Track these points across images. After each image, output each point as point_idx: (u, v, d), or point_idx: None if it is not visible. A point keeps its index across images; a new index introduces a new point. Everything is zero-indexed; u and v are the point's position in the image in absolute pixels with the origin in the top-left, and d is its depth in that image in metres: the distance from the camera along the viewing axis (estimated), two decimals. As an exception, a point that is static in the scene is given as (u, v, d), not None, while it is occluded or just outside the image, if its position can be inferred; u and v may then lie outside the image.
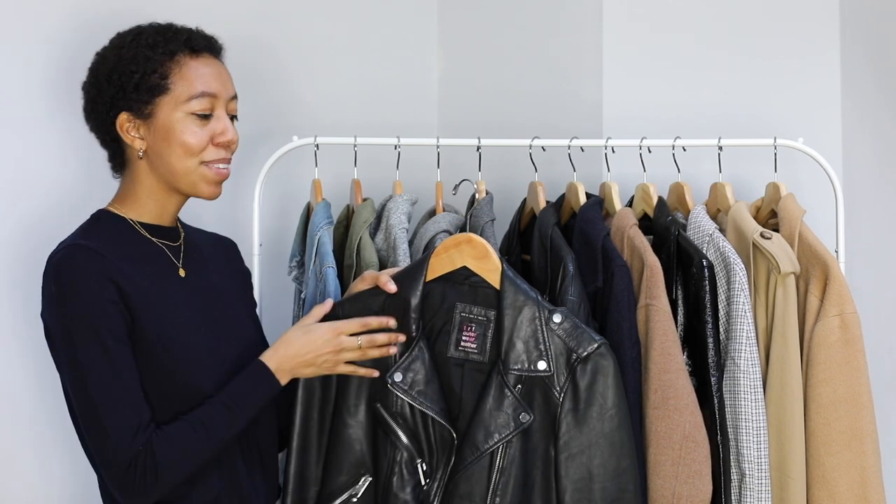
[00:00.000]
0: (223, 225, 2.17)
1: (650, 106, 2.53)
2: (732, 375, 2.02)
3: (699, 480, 1.96)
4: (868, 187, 2.57)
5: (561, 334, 1.87)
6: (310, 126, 2.40)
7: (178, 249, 1.87)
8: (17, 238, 2.19)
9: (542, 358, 1.86)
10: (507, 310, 1.88)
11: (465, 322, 1.92)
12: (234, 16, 2.51)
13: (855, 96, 2.58)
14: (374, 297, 1.92)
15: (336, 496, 1.89)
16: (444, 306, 1.92)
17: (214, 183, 1.83)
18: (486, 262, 1.93)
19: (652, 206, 2.23)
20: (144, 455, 1.67)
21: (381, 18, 2.79)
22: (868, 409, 2.01)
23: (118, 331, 1.70)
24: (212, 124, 1.81)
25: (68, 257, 1.72)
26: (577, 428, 1.85)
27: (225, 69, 1.87)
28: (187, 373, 1.76)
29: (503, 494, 1.84)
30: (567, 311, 1.90)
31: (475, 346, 1.91)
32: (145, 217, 1.84)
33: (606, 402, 1.85)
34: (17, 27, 2.21)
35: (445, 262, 1.94)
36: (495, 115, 2.74)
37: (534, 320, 1.88)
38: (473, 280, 1.92)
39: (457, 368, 1.91)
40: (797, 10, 2.59)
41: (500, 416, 1.85)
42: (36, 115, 2.23)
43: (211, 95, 1.80)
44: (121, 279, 1.72)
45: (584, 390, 1.85)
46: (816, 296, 2.04)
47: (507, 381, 1.86)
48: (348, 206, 2.35)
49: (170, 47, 1.79)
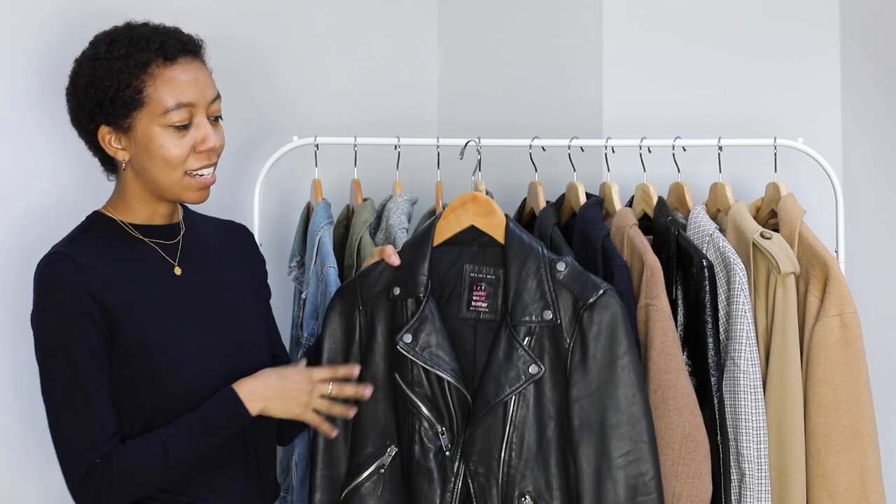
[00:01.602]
0: (223, 225, 2.17)
1: (650, 106, 2.53)
2: (732, 375, 2.02)
3: (699, 480, 1.96)
4: (868, 187, 2.57)
5: (566, 283, 1.86)
6: (310, 126, 2.40)
7: (175, 247, 1.86)
8: (13, 240, 2.18)
9: (548, 308, 1.85)
10: (513, 263, 1.88)
11: (474, 282, 1.92)
12: (234, 16, 2.51)
13: (855, 96, 2.58)
14: (385, 269, 1.93)
15: (364, 468, 1.90)
16: (454, 268, 1.93)
17: (200, 189, 1.81)
18: (491, 219, 1.93)
19: (652, 206, 2.23)
20: (101, 466, 1.68)
21: (382, 18, 2.79)
22: (868, 409, 2.02)
23: (90, 342, 1.70)
24: (192, 133, 1.77)
25: (49, 266, 1.73)
26: (587, 376, 1.84)
27: (204, 71, 1.81)
28: (173, 379, 1.75)
29: (518, 449, 1.84)
30: (571, 259, 1.90)
31: (486, 304, 1.91)
32: (137, 219, 1.83)
33: (614, 347, 1.84)
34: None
35: (453, 223, 1.94)
36: (495, 115, 2.73)
37: (539, 271, 1.87)
38: (482, 240, 1.93)
39: (470, 329, 1.91)
40: (797, 10, 2.58)
41: (511, 369, 1.84)
42: (30, 115, 2.22)
43: (188, 105, 1.75)
44: (100, 289, 1.71)
45: (591, 338, 1.84)
46: (816, 296, 2.04)
47: (516, 334, 1.85)
48: (348, 206, 2.35)
49: (142, 58, 1.74)
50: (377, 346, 1.92)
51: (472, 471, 1.85)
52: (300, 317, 2.27)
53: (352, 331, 1.94)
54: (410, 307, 1.89)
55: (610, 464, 1.82)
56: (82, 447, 1.69)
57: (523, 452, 1.84)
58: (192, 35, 1.82)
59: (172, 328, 1.77)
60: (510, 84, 2.74)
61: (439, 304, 1.90)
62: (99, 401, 1.71)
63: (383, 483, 1.90)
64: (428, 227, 1.95)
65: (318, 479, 1.93)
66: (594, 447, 1.83)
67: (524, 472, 1.84)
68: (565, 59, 2.64)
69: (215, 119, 1.82)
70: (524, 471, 1.84)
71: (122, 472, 1.69)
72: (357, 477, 1.90)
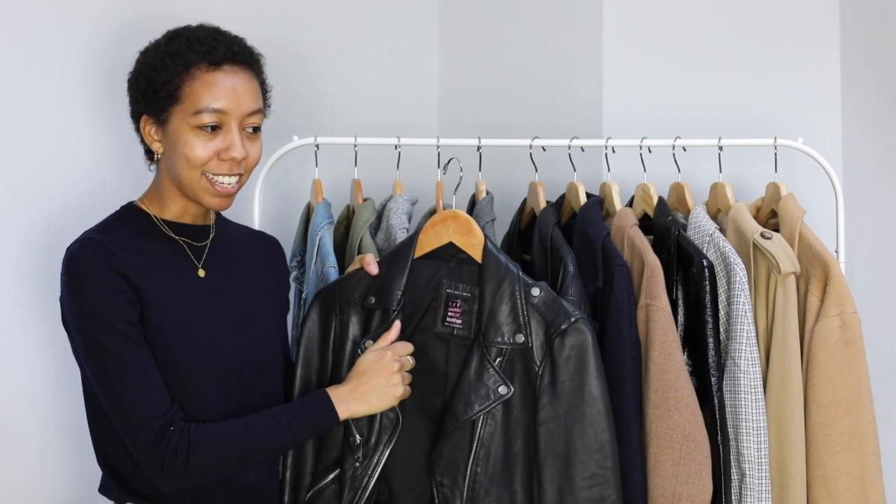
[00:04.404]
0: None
1: (650, 106, 2.53)
2: (733, 375, 2.02)
3: (699, 480, 1.96)
4: (868, 187, 2.57)
5: (540, 308, 1.88)
6: (310, 126, 2.40)
7: (203, 249, 1.88)
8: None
9: (520, 331, 1.87)
10: (488, 283, 1.90)
11: (450, 298, 1.94)
12: (234, 16, 2.50)
13: (855, 96, 2.58)
14: (364, 276, 1.96)
15: (329, 472, 1.93)
16: (432, 282, 1.95)
17: (217, 196, 1.82)
18: (469, 237, 1.95)
19: (652, 206, 2.23)
20: (178, 431, 1.69)
21: (382, 18, 2.79)
22: (868, 409, 2.01)
23: (129, 317, 1.72)
24: (220, 139, 1.79)
25: (79, 250, 1.75)
26: (555, 401, 1.86)
27: (249, 83, 1.83)
28: (185, 373, 1.76)
29: (484, 464, 1.86)
30: (546, 285, 1.91)
31: (460, 321, 1.93)
32: (168, 214, 1.86)
33: (583, 376, 1.85)
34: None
35: (433, 238, 1.97)
36: (495, 115, 2.74)
37: (514, 294, 1.89)
38: (461, 257, 1.96)
39: (443, 344, 1.93)
40: (797, 10, 2.59)
41: (481, 388, 1.86)
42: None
43: (218, 111, 1.78)
44: (129, 272, 1.74)
45: (561, 364, 1.86)
46: (817, 296, 2.04)
47: (488, 354, 1.88)
48: (349, 206, 2.35)
49: (189, 58, 1.78)
50: (347, 351, 1.95)
51: (438, 482, 1.88)
52: (300, 316, 2.27)
53: (327, 332, 1.98)
54: (377, 318, 1.93)
55: (572, 485, 1.84)
56: (151, 412, 1.69)
57: (489, 468, 1.86)
58: (251, 47, 1.87)
59: (190, 327, 1.79)
60: (510, 84, 2.74)
61: (414, 317, 1.94)
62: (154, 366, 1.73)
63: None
64: (409, 241, 1.98)
65: (288, 479, 1.96)
66: (558, 469, 1.85)
67: (489, 487, 1.86)
68: (565, 59, 2.65)
69: (253, 131, 1.84)
70: (489, 486, 1.86)
71: (200, 440, 1.70)
72: (322, 480, 1.93)
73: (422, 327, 1.94)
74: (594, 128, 2.53)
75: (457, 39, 2.86)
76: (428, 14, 2.87)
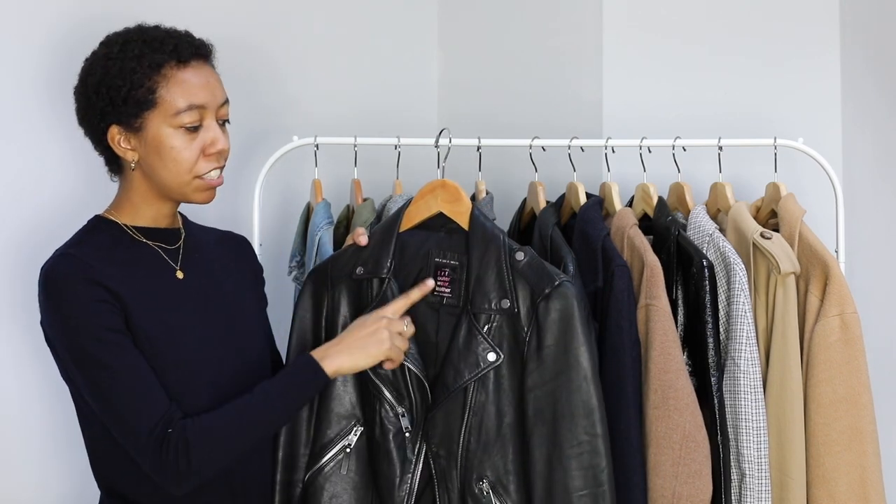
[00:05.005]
0: (223, 225, 2.16)
1: (650, 106, 2.53)
2: (732, 375, 2.01)
3: (699, 480, 1.96)
4: (868, 187, 2.57)
5: (525, 272, 1.88)
6: (310, 126, 2.40)
7: (177, 251, 1.87)
8: (20, 238, 2.19)
9: (506, 296, 1.87)
10: (475, 250, 1.90)
11: (439, 267, 1.94)
12: (234, 16, 2.51)
13: (855, 96, 2.58)
14: (355, 251, 1.96)
15: (329, 448, 1.92)
16: (421, 252, 1.95)
17: (207, 189, 1.82)
18: (457, 205, 1.96)
19: (652, 206, 2.23)
20: (176, 430, 1.68)
21: (382, 18, 2.79)
22: (868, 409, 2.01)
23: (114, 325, 1.71)
24: (201, 135, 1.78)
25: (54, 266, 1.73)
26: (542, 365, 1.85)
27: (214, 75, 1.83)
28: (173, 380, 1.75)
29: (476, 433, 1.85)
30: (531, 250, 1.91)
31: (450, 290, 1.93)
32: (140, 221, 1.84)
33: (568, 338, 1.84)
34: (12, 27, 2.20)
35: (422, 209, 1.98)
36: (495, 115, 2.74)
37: (499, 260, 1.89)
38: (450, 227, 1.95)
39: (433, 313, 1.93)
40: (797, 10, 2.59)
41: (470, 355, 1.86)
42: (35, 118, 2.22)
43: (199, 107, 1.77)
44: (108, 282, 1.72)
45: (546, 328, 1.85)
46: (816, 296, 2.04)
47: (476, 322, 1.87)
48: (348, 206, 2.35)
49: (156, 59, 1.75)
50: (339, 325, 1.94)
51: (434, 452, 1.88)
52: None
53: (320, 309, 1.97)
54: (375, 287, 1.93)
55: (561, 453, 1.83)
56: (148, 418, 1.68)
57: (482, 437, 1.86)
58: (203, 39, 1.84)
59: (174, 330, 1.78)
60: (510, 84, 2.74)
61: (404, 287, 1.92)
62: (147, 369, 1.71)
63: (349, 463, 1.92)
64: (397, 212, 1.98)
65: (280, 458, 1.95)
66: (546, 436, 1.84)
67: (482, 456, 1.86)
68: (565, 59, 2.65)
69: (223, 123, 1.83)
70: (482, 455, 1.86)
71: (196, 436, 1.68)
72: (322, 457, 1.92)
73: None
74: (594, 128, 2.53)
75: (457, 39, 2.86)
76: (428, 14, 2.87)
